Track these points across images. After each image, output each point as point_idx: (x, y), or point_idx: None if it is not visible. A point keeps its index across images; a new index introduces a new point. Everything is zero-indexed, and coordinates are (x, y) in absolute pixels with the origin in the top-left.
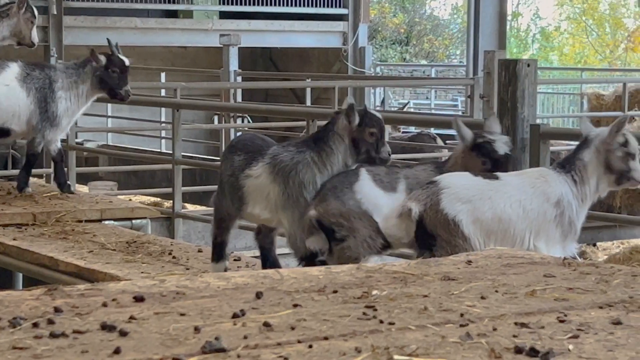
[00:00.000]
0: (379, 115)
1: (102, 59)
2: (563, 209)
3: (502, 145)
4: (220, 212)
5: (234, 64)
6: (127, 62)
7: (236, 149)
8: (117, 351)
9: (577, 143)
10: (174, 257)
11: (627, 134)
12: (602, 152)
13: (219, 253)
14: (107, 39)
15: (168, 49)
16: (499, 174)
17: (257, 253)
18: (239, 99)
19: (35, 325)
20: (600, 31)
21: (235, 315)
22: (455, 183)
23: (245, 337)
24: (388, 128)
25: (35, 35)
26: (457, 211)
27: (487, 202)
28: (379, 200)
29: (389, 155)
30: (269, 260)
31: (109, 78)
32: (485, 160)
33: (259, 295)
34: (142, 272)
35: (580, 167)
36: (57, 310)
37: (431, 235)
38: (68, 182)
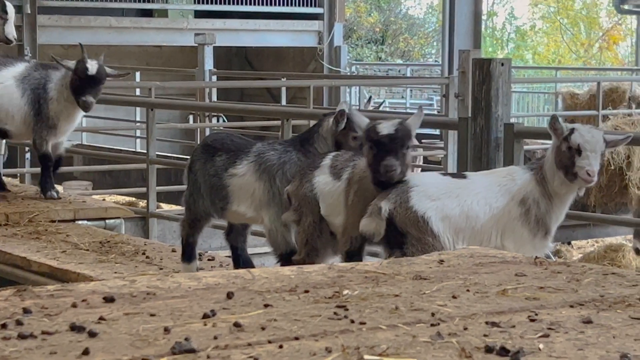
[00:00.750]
0: (363, 118)
1: (71, 65)
2: (529, 207)
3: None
4: (195, 212)
5: (209, 63)
6: (90, 70)
7: (214, 148)
8: (86, 352)
9: (550, 142)
10: (147, 257)
11: (576, 129)
12: (553, 149)
13: (190, 253)
14: (80, 44)
15: (143, 48)
16: (467, 173)
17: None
18: (214, 98)
19: (3, 326)
20: (574, 30)
21: (205, 316)
22: (424, 181)
23: (215, 338)
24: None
25: (10, 32)
26: (426, 208)
27: (454, 200)
28: (325, 187)
29: None
30: (241, 258)
31: (72, 85)
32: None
33: (230, 295)
34: (115, 273)
35: (542, 165)
36: (26, 311)
37: (401, 233)
38: (52, 190)
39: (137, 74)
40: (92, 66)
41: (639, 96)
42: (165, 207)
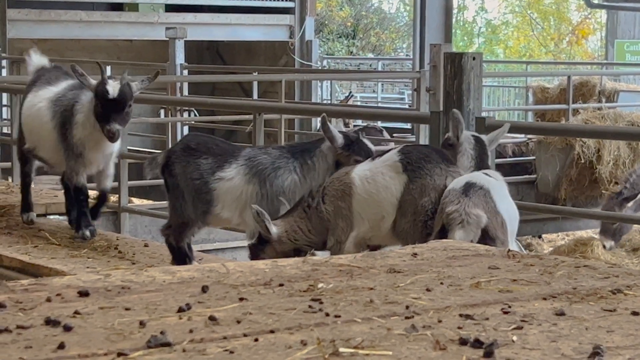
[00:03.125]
0: (370, 145)
1: (93, 84)
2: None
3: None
4: (182, 216)
5: (180, 58)
6: (111, 93)
7: (198, 151)
8: (61, 346)
9: (521, 136)
10: (119, 252)
11: None
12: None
13: (183, 257)
14: (98, 62)
15: (114, 42)
16: (488, 171)
17: (205, 247)
18: (186, 92)
19: None
20: (545, 24)
21: (180, 310)
22: (492, 182)
23: (190, 331)
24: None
25: None
26: (502, 211)
27: (504, 201)
28: None
29: None
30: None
31: (95, 111)
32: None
33: (204, 289)
34: (87, 267)
35: None
36: (0, 305)
37: (492, 239)
38: (84, 229)
39: (108, 68)
40: (113, 88)
41: (608, 90)
42: (137, 201)
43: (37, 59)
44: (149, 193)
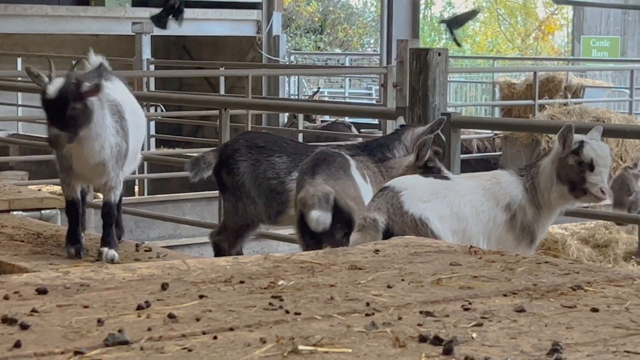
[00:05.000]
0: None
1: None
2: (514, 213)
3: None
4: (244, 218)
5: (146, 52)
6: (49, 93)
7: (269, 149)
8: (17, 345)
9: (487, 131)
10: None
11: (586, 142)
12: (555, 161)
13: None
14: (47, 57)
15: (79, 37)
16: (449, 174)
17: (171, 243)
18: (152, 87)
19: None
20: (512, 20)
21: (139, 307)
22: (410, 184)
23: (149, 329)
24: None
25: None
26: (421, 210)
27: (443, 200)
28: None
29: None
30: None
31: None
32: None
33: (164, 286)
34: (51, 264)
35: (534, 174)
36: None
37: None
38: (70, 246)
39: (74, 63)
40: (53, 86)
41: (574, 86)
42: None
43: None
44: None
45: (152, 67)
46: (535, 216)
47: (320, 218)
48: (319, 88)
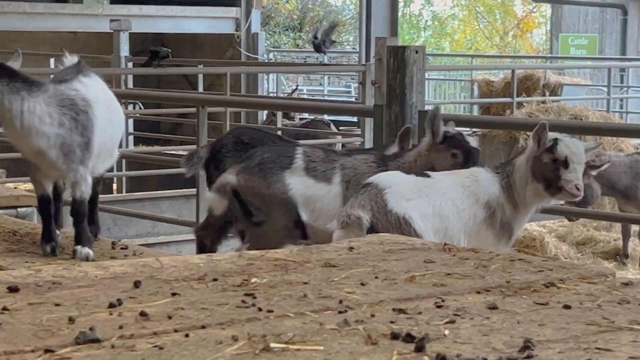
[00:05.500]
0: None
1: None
2: (494, 211)
3: (470, 138)
4: (227, 214)
5: (124, 50)
6: None
7: (252, 146)
8: None
9: (464, 129)
10: (59, 246)
11: (560, 140)
12: (529, 159)
13: None
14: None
15: (58, 34)
16: (430, 172)
17: (149, 241)
18: (130, 85)
19: None
20: (490, 18)
21: (111, 305)
22: (393, 181)
23: (120, 327)
24: (279, 115)
25: None
26: (404, 209)
27: (425, 199)
28: (308, 190)
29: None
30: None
31: None
32: (457, 152)
33: (137, 284)
34: (26, 262)
35: (510, 172)
36: None
37: None
38: (45, 244)
39: (52, 61)
40: None
41: (552, 84)
42: None
43: None
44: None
45: (130, 64)
46: (513, 213)
47: (210, 201)
48: (297, 86)
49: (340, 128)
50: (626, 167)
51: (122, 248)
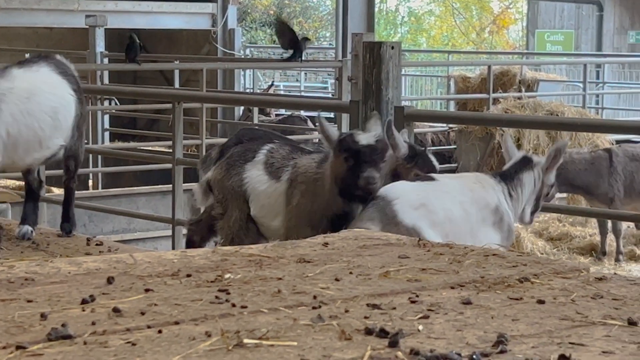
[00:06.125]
0: (435, 162)
1: None
2: (502, 216)
3: (365, 136)
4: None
5: (100, 45)
6: None
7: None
8: None
9: (440, 125)
10: (34, 243)
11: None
12: (538, 181)
13: None
14: None
15: (33, 29)
16: (434, 175)
17: (125, 237)
18: (106, 80)
19: None
20: (467, 14)
21: (84, 301)
22: (400, 191)
23: (93, 323)
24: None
25: None
26: (414, 219)
27: (435, 203)
28: (260, 185)
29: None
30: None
31: None
32: (347, 156)
33: (110, 280)
34: (0, 258)
35: (517, 185)
36: None
37: None
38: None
39: (27, 56)
40: None
41: (529, 79)
42: (57, 191)
43: None
44: None
45: (106, 60)
46: (513, 219)
47: (195, 195)
48: (273, 81)
49: (317, 124)
50: (587, 164)
51: (97, 244)
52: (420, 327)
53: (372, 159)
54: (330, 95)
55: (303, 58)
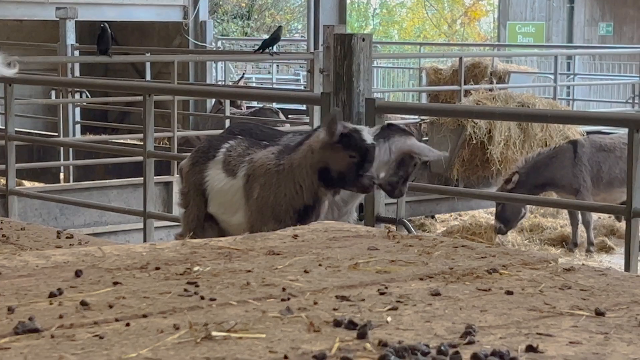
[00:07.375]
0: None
1: None
2: None
3: (368, 135)
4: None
5: (71, 38)
6: None
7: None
8: None
9: (412, 117)
10: (3, 236)
11: None
12: None
13: None
14: None
15: (3, 22)
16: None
17: (97, 230)
18: (77, 73)
19: None
20: (438, 6)
21: (52, 295)
22: None
23: (60, 317)
24: (227, 104)
25: None
26: None
27: None
28: (217, 184)
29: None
30: None
31: None
32: (354, 154)
33: (78, 273)
34: None
35: None
36: None
37: None
38: None
39: None
40: None
41: (500, 71)
42: (28, 184)
43: None
44: (40, 175)
45: (76, 52)
46: None
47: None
48: (244, 73)
49: (289, 116)
50: (548, 158)
51: (67, 237)
52: (389, 319)
53: (373, 158)
54: (302, 88)
55: (275, 50)
